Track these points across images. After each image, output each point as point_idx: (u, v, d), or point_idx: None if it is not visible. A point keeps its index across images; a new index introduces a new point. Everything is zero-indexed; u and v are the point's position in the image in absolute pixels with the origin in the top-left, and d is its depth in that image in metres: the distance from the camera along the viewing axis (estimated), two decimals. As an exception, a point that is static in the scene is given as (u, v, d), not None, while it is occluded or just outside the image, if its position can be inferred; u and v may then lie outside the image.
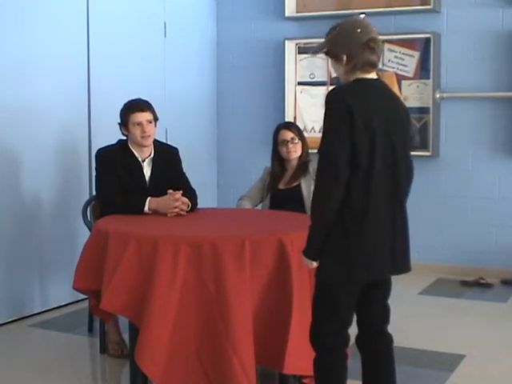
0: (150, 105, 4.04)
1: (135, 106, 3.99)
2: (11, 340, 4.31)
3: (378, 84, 2.75)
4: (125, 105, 4.04)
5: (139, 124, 3.96)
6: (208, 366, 3.09)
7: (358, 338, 2.85)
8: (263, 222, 3.83)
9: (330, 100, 2.62)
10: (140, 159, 4.03)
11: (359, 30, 2.69)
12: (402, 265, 2.74)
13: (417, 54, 5.83)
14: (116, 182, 3.96)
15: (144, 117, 3.97)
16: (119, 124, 4.03)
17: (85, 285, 3.56)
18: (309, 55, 6.11)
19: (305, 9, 6.18)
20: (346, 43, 2.69)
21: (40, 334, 4.43)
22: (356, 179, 2.57)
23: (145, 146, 4.02)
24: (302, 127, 4.86)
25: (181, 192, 3.87)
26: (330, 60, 2.79)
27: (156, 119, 4.05)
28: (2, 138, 4.49)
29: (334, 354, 2.73)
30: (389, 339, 2.85)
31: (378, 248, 2.63)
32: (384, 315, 2.84)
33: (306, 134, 4.70)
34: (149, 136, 3.99)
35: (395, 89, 5.78)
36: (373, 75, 2.71)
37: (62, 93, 4.85)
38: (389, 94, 2.77)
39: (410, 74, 5.86)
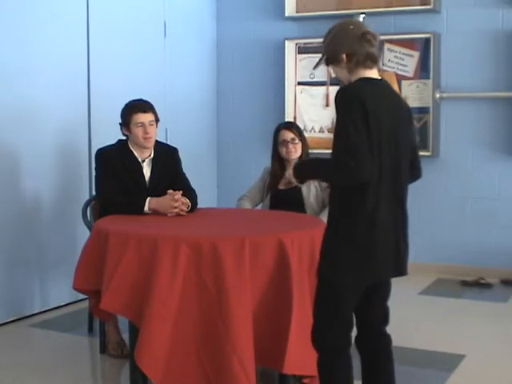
0: (152, 106, 4.03)
1: (138, 106, 3.98)
2: (11, 340, 4.30)
3: (382, 84, 2.75)
4: (127, 105, 4.03)
5: (141, 125, 3.95)
6: (208, 366, 3.09)
7: (357, 339, 2.85)
8: (263, 222, 3.83)
9: (343, 98, 2.59)
10: (140, 159, 4.03)
11: (352, 27, 2.72)
12: (403, 267, 2.73)
13: (417, 54, 5.83)
14: (116, 182, 3.95)
15: (146, 118, 3.97)
16: (120, 124, 4.03)
17: (85, 285, 3.56)
18: (308, 55, 6.10)
19: (305, 9, 6.18)
20: (342, 41, 2.69)
21: (40, 334, 4.43)
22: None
23: (146, 148, 4.02)
24: (301, 127, 4.86)
25: (181, 192, 3.87)
26: (331, 67, 2.76)
27: (157, 120, 4.05)
28: (1, 137, 4.49)
29: (341, 356, 2.71)
30: (388, 340, 2.85)
31: (384, 249, 2.62)
32: (384, 316, 2.84)
33: (305, 134, 4.70)
34: (150, 138, 3.98)
35: (395, 89, 5.78)
36: (375, 74, 2.72)
37: (62, 92, 4.85)
38: (392, 94, 2.77)
39: (410, 74, 5.86)
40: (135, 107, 3.98)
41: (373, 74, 2.71)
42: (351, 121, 2.52)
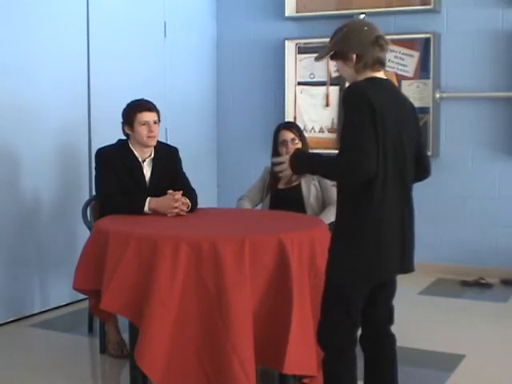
0: (156, 106, 4.04)
1: (143, 105, 3.99)
2: (11, 340, 4.30)
3: (388, 83, 2.76)
4: (130, 104, 4.03)
5: (146, 123, 3.95)
6: (208, 366, 3.09)
7: (361, 338, 2.85)
8: (263, 222, 3.83)
9: (351, 96, 2.59)
10: (140, 159, 4.03)
11: (366, 28, 2.71)
12: (409, 264, 2.75)
13: (417, 54, 5.83)
14: (116, 182, 3.95)
15: (151, 117, 3.97)
16: (122, 123, 4.03)
17: (85, 285, 3.56)
18: (308, 55, 6.10)
19: (305, 9, 6.18)
20: (355, 42, 2.68)
21: (40, 334, 4.43)
22: (375, 177, 2.56)
23: (149, 147, 4.02)
24: (301, 127, 4.86)
25: (181, 192, 3.87)
26: (336, 62, 2.76)
27: (159, 121, 4.05)
28: (1, 137, 4.49)
29: (346, 355, 2.72)
30: (392, 339, 2.86)
31: (391, 248, 2.63)
32: (388, 315, 2.85)
33: (305, 134, 4.70)
34: (154, 137, 3.98)
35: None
36: (381, 75, 2.72)
37: (62, 92, 4.85)
38: (397, 94, 2.78)
39: (410, 74, 5.86)
40: (140, 106, 3.98)
41: (379, 74, 2.72)
42: (359, 119, 2.53)
